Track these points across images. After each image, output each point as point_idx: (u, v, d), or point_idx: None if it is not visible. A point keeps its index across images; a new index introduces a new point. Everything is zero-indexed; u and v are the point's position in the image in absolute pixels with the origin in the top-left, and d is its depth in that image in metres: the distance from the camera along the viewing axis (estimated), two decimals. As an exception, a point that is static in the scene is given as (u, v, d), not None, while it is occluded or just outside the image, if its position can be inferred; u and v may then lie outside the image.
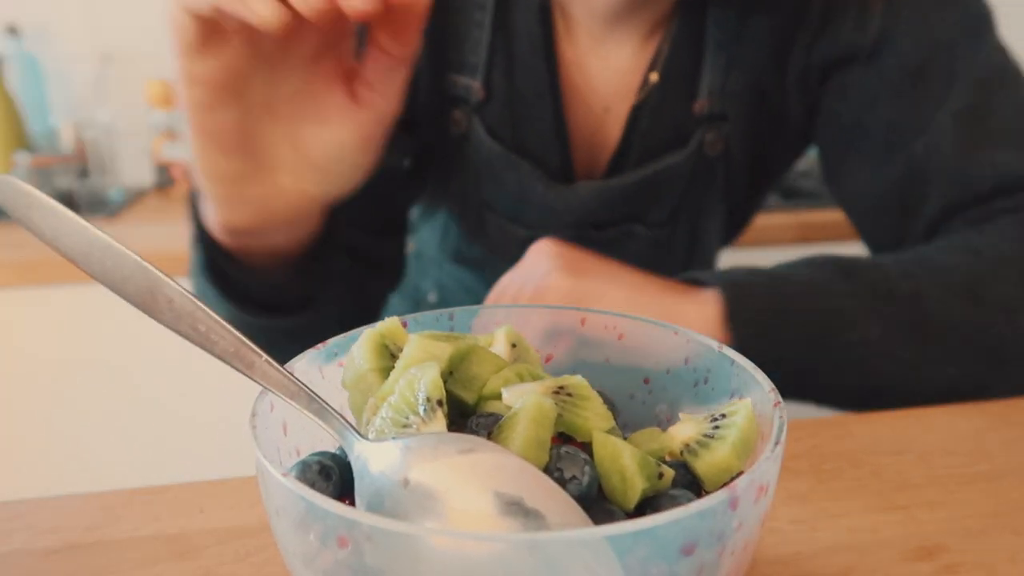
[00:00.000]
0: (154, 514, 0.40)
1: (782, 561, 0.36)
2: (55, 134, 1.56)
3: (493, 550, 0.21)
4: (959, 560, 0.36)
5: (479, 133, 0.65)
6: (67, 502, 0.41)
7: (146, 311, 0.26)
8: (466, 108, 0.65)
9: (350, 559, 0.22)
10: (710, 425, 0.30)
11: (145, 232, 1.28)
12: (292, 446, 0.31)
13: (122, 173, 1.61)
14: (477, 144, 0.65)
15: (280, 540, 0.26)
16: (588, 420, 0.29)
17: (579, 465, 0.27)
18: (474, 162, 0.66)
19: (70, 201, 1.39)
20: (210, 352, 0.27)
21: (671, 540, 0.22)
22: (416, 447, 0.26)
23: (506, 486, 0.24)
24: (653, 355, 0.35)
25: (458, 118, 0.65)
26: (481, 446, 0.26)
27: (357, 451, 0.27)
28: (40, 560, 0.36)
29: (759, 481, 0.24)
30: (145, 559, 0.36)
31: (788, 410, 0.28)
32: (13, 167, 1.40)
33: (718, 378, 0.33)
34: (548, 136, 0.65)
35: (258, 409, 0.28)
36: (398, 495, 0.25)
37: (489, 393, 0.31)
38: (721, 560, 0.23)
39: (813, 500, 0.41)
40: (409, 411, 0.28)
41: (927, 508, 0.40)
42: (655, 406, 0.36)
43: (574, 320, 0.37)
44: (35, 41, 1.55)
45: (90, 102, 1.58)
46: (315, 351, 0.32)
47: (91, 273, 0.26)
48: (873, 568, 0.36)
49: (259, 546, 0.37)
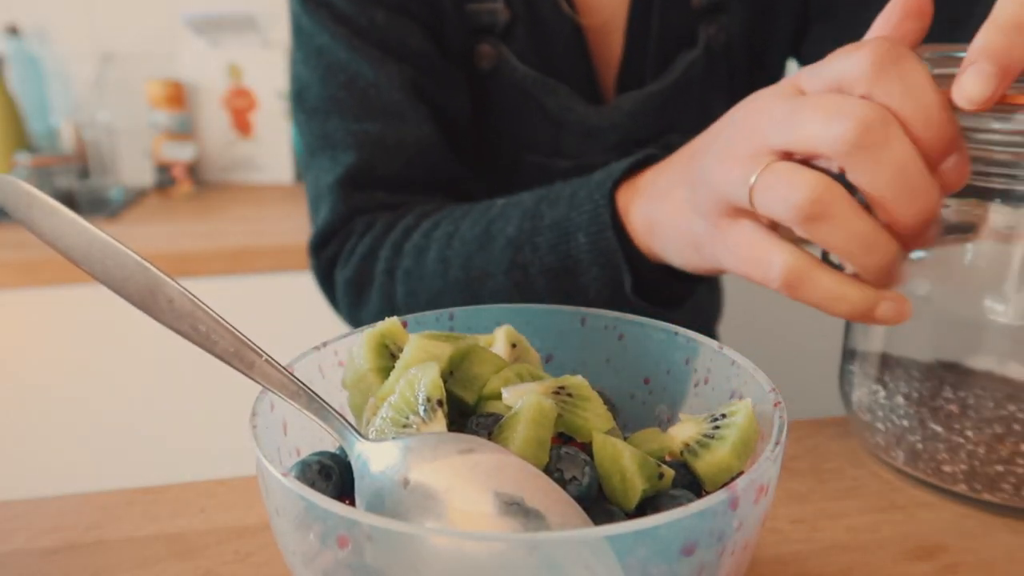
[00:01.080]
0: (154, 514, 0.40)
1: (782, 561, 0.36)
2: (55, 134, 1.56)
3: (493, 550, 0.21)
4: (959, 560, 0.36)
5: (510, 62, 0.64)
6: (67, 502, 0.41)
7: (146, 311, 0.26)
8: (492, 39, 0.64)
9: (350, 559, 0.22)
10: (710, 425, 0.30)
11: (145, 232, 1.28)
12: (292, 446, 0.31)
13: (122, 173, 1.61)
14: (510, 75, 0.64)
15: (280, 540, 0.26)
16: (588, 420, 0.29)
17: (579, 465, 0.27)
18: (508, 97, 0.65)
19: (70, 201, 1.39)
20: (210, 352, 0.27)
21: (671, 540, 0.22)
22: (416, 447, 0.26)
23: (506, 486, 0.24)
24: (653, 355, 0.35)
25: (485, 52, 0.64)
26: (481, 446, 0.26)
27: (357, 451, 0.27)
28: (40, 560, 0.36)
29: (759, 481, 0.24)
30: (145, 559, 0.36)
31: (788, 410, 0.28)
32: (13, 167, 1.40)
33: (718, 378, 0.33)
34: (574, 55, 0.65)
35: (258, 409, 0.28)
36: (398, 495, 0.25)
37: (489, 393, 0.31)
38: (721, 560, 0.23)
39: (813, 500, 0.41)
40: (409, 411, 0.28)
41: (927, 508, 0.40)
42: (655, 406, 0.36)
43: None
44: (35, 41, 1.55)
45: (90, 102, 1.58)
46: (315, 351, 0.33)
47: (91, 273, 0.26)
48: (873, 568, 0.36)
49: (259, 546, 0.37)
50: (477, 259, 0.53)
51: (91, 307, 1.18)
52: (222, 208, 1.42)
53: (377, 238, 0.59)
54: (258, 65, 1.56)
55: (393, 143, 0.60)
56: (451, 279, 0.54)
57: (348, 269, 0.60)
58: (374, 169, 0.60)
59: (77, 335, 1.20)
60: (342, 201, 0.60)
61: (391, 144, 0.60)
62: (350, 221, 0.61)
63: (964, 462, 0.40)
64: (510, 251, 0.52)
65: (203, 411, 1.24)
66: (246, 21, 1.55)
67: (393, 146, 0.61)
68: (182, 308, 0.27)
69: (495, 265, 0.52)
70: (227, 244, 1.18)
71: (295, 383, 0.28)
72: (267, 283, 1.20)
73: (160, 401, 1.25)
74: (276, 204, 1.45)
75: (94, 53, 1.58)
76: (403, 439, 0.26)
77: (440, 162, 0.62)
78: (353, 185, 0.60)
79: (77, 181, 1.44)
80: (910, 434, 0.42)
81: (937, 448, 0.41)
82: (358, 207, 0.61)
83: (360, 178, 0.60)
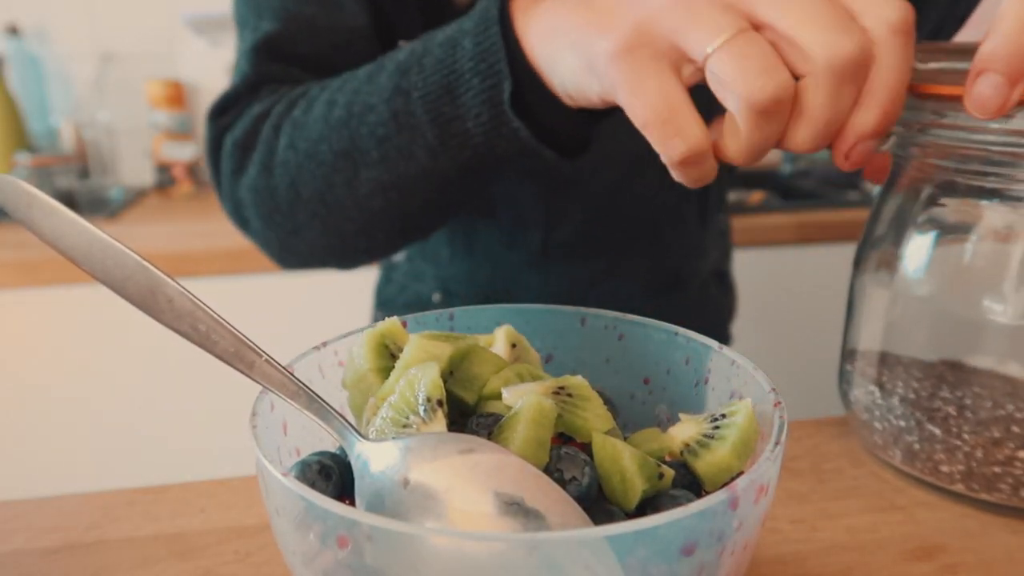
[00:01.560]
0: (154, 514, 0.40)
1: (782, 561, 0.36)
2: (55, 134, 1.56)
3: (493, 550, 0.21)
4: (959, 560, 0.36)
5: None
6: (67, 502, 0.41)
7: (146, 311, 0.26)
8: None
9: (350, 559, 0.22)
10: (710, 425, 0.30)
11: (145, 232, 1.28)
12: (292, 446, 0.31)
13: (122, 173, 1.61)
14: None
15: (280, 540, 0.26)
16: (588, 421, 0.29)
17: (579, 466, 0.27)
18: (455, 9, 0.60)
19: (70, 201, 1.39)
20: (210, 352, 0.27)
21: (671, 540, 0.22)
22: (416, 447, 0.26)
23: (506, 486, 0.24)
24: (653, 355, 0.35)
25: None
26: (481, 446, 0.26)
27: (357, 451, 0.27)
28: (40, 560, 0.36)
29: (759, 481, 0.24)
30: (145, 559, 0.36)
31: (788, 410, 0.28)
32: (13, 167, 1.40)
33: (718, 378, 0.33)
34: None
35: (258, 409, 0.28)
36: (398, 495, 0.25)
37: (489, 393, 0.31)
38: (721, 560, 0.23)
39: (813, 500, 0.41)
40: (409, 411, 0.28)
41: (927, 508, 0.40)
42: (655, 406, 0.36)
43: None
44: (35, 41, 1.55)
45: (90, 102, 1.58)
46: (315, 351, 0.33)
47: (91, 273, 0.26)
48: (873, 568, 0.36)
49: (259, 546, 0.37)
50: (363, 92, 0.49)
51: (91, 307, 1.18)
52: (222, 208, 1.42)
53: (275, 100, 0.55)
54: (258, 65, 1.56)
55: (324, 25, 0.57)
56: (333, 120, 0.50)
57: (237, 131, 0.55)
58: (296, 44, 0.57)
59: (77, 335, 1.20)
60: (253, 67, 0.57)
61: (321, 26, 0.57)
62: (256, 89, 0.57)
63: (962, 462, 0.40)
64: (396, 76, 0.48)
65: (203, 411, 1.24)
66: (246, 21, 1.55)
67: (323, 28, 0.57)
68: (182, 308, 0.27)
69: (378, 95, 0.48)
70: (227, 244, 1.18)
71: (295, 383, 0.28)
72: (267, 283, 1.20)
73: (160, 401, 1.25)
74: (276, 204, 1.44)
75: (94, 53, 1.58)
76: (403, 439, 0.27)
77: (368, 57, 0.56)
78: (269, 54, 0.57)
79: (77, 181, 1.44)
80: (907, 434, 0.42)
81: (934, 448, 0.41)
82: (269, 75, 0.57)
83: (278, 49, 0.57)
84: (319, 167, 0.52)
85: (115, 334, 1.20)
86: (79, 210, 1.33)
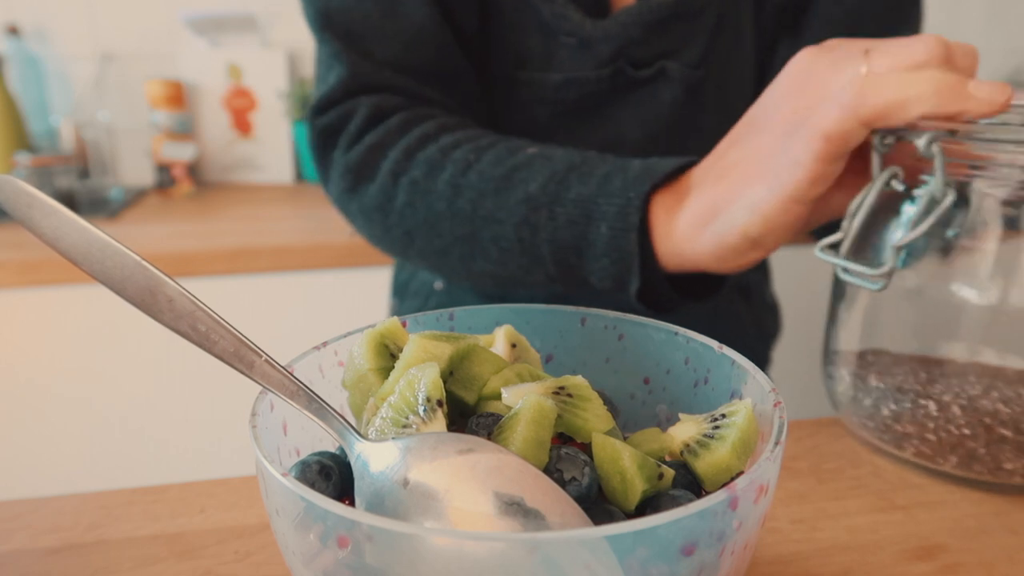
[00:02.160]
0: (154, 514, 0.40)
1: (782, 561, 0.36)
2: (55, 134, 1.56)
3: (493, 550, 0.21)
4: (959, 560, 0.36)
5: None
6: (67, 502, 0.41)
7: (146, 311, 0.26)
8: None
9: (350, 559, 0.22)
10: (710, 425, 0.30)
11: (145, 232, 1.28)
12: (292, 446, 0.31)
13: (122, 173, 1.61)
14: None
15: (280, 540, 0.26)
16: (588, 421, 0.29)
17: (579, 466, 0.27)
18: (506, 4, 0.63)
19: (70, 201, 1.39)
20: (210, 352, 0.27)
21: (671, 540, 0.22)
22: (416, 447, 0.26)
23: (506, 486, 0.24)
24: (653, 355, 0.35)
25: None
26: (481, 446, 0.26)
27: (357, 451, 0.27)
28: (40, 560, 0.36)
29: (759, 481, 0.24)
30: (145, 559, 0.36)
31: (788, 410, 0.28)
32: (13, 167, 1.40)
33: (718, 378, 0.33)
34: None
35: (258, 409, 0.28)
36: (398, 495, 0.25)
37: (489, 393, 0.31)
38: (721, 560, 0.23)
39: (813, 500, 0.41)
40: (409, 411, 0.28)
41: (927, 508, 0.40)
42: (655, 406, 0.36)
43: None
44: (35, 41, 1.55)
45: (90, 102, 1.58)
46: (315, 351, 0.33)
47: (91, 273, 0.26)
48: (873, 568, 0.36)
49: (259, 546, 0.37)
50: (490, 200, 0.52)
51: (91, 307, 1.18)
52: (222, 208, 1.42)
53: (390, 134, 0.57)
54: (258, 65, 1.56)
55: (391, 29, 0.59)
56: (457, 208, 0.53)
57: (352, 155, 0.58)
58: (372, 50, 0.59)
59: (77, 335, 1.20)
60: (348, 68, 0.59)
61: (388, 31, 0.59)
62: (355, 95, 0.59)
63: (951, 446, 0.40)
64: (525, 207, 0.50)
65: (203, 411, 1.24)
66: (246, 21, 1.55)
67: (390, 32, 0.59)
68: (182, 308, 0.27)
69: (506, 214, 0.51)
70: (227, 244, 1.18)
71: (295, 383, 0.28)
72: (267, 283, 1.20)
73: (160, 401, 1.25)
74: (276, 204, 1.45)
75: (94, 53, 1.58)
76: (403, 439, 0.27)
77: (438, 53, 0.60)
78: (358, 54, 0.59)
79: (77, 181, 1.44)
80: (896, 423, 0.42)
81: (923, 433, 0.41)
82: (365, 78, 0.59)
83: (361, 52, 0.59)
84: (437, 238, 0.55)
85: (115, 334, 1.20)
86: (79, 210, 1.33)
